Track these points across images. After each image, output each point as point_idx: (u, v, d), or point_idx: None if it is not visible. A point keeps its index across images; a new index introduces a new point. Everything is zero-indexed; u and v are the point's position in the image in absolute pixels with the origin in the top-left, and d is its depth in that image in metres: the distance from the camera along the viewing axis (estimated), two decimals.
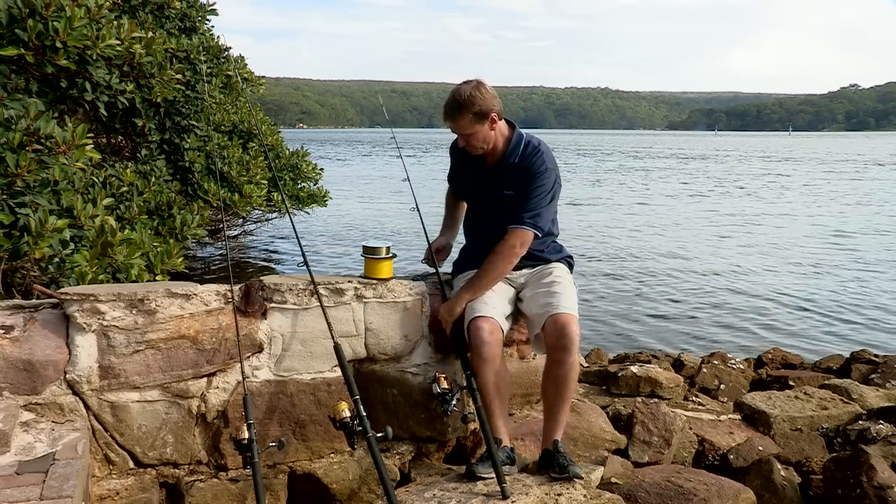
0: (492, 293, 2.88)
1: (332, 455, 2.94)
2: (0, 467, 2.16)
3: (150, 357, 2.61)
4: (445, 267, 3.22)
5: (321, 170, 9.56)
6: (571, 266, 3.12)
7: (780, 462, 3.37)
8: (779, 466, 3.29)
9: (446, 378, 2.85)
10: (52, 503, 1.97)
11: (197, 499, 2.70)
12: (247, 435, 2.47)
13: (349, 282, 2.91)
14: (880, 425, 3.63)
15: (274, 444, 2.59)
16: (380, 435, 2.46)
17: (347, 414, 2.49)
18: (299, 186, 9.13)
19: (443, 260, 3.20)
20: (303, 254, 2.89)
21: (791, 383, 4.57)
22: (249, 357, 2.77)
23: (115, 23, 4.04)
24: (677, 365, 5.07)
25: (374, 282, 2.95)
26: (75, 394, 2.54)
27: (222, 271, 9.10)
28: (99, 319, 2.53)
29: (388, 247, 2.99)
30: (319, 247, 12.35)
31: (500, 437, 2.77)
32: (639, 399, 3.84)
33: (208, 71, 7.06)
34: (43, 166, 3.38)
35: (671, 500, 2.86)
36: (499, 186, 2.93)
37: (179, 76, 4.98)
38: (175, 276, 4.36)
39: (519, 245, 2.87)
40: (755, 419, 3.81)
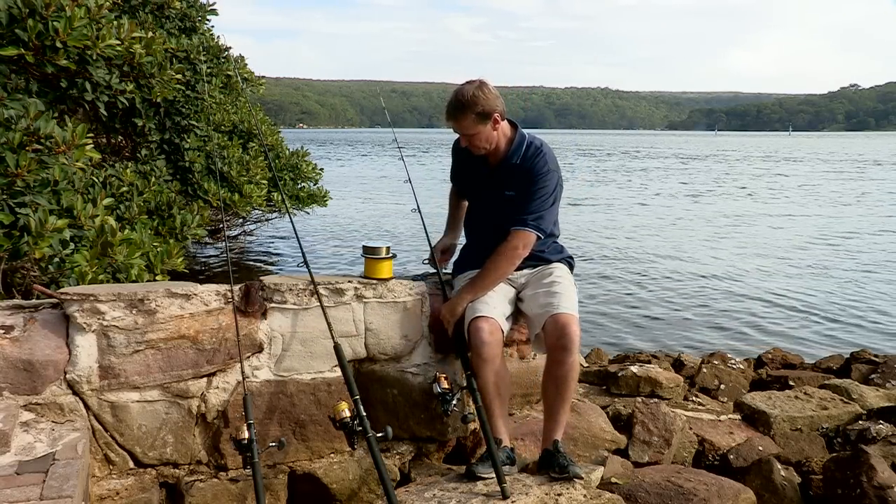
0: (492, 293, 2.88)
1: (332, 455, 2.94)
2: (0, 467, 2.16)
3: (150, 357, 2.61)
4: (446, 267, 3.22)
5: (321, 170, 9.57)
6: (572, 266, 3.12)
7: (780, 462, 3.37)
8: (779, 466, 3.29)
9: (446, 378, 2.85)
10: (52, 503, 1.97)
11: (197, 499, 2.70)
12: (247, 435, 2.47)
13: (349, 282, 2.91)
14: (880, 425, 3.63)
15: (274, 444, 2.59)
16: (380, 435, 2.46)
17: (347, 414, 2.49)
18: (299, 186, 9.13)
19: (447, 261, 3.21)
20: (303, 254, 2.89)
21: (791, 383, 4.57)
22: (249, 357, 2.77)
23: (115, 23, 4.03)
24: (677, 365, 5.06)
25: (374, 282, 2.95)
26: (75, 394, 2.54)
27: (222, 271, 9.11)
28: (99, 319, 2.53)
29: (387, 247, 2.99)
30: (319, 247, 12.35)
31: (501, 437, 2.77)
32: (639, 399, 3.84)
33: (208, 71, 7.06)
34: (43, 166, 3.38)
35: (671, 500, 2.86)
36: (500, 187, 2.93)
37: (179, 76, 4.97)
38: (175, 276, 4.36)
39: (522, 246, 2.87)
40: (755, 419, 3.81)
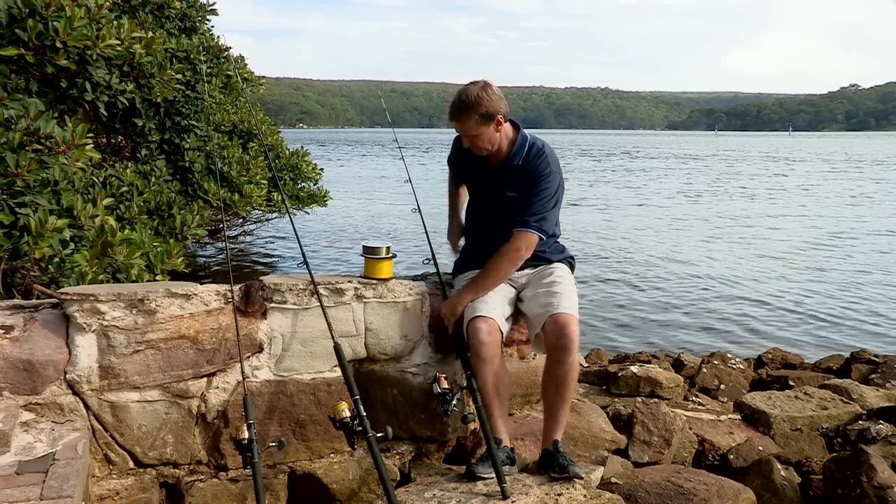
0: (492, 293, 2.88)
1: (332, 455, 2.94)
2: (0, 467, 2.16)
3: (150, 357, 2.61)
4: (446, 267, 3.22)
5: (321, 170, 9.57)
6: (573, 266, 3.12)
7: (780, 462, 3.37)
8: (779, 466, 3.29)
9: (446, 378, 2.85)
10: (52, 503, 1.97)
11: (197, 499, 2.70)
12: (247, 435, 2.47)
13: (349, 282, 2.91)
14: (880, 425, 3.63)
15: (274, 444, 2.59)
16: (380, 435, 2.46)
17: (347, 414, 2.49)
18: (299, 186, 9.13)
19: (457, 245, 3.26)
20: (303, 254, 2.89)
21: (791, 383, 4.57)
22: (249, 357, 2.77)
23: (115, 23, 4.03)
24: (677, 365, 5.07)
25: (374, 282, 2.95)
26: (75, 394, 2.54)
27: (222, 271, 9.11)
28: (99, 319, 2.53)
29: (387, 247, 2.99)
30: (319, 247, 12.35)
31: (500, 437, 2.77)
32: (639, 399, 3.84)
33: (208, 71, 7.06)
34: (43, 166, 3.38)
35: (671, 500, 2.86)
36: (501, 187, 2.93)
37: (179, 76, 4.97)
38: (175, 276, 4.36)
39: (524, 248, 2.87)
40: (755, 419, 3.81)
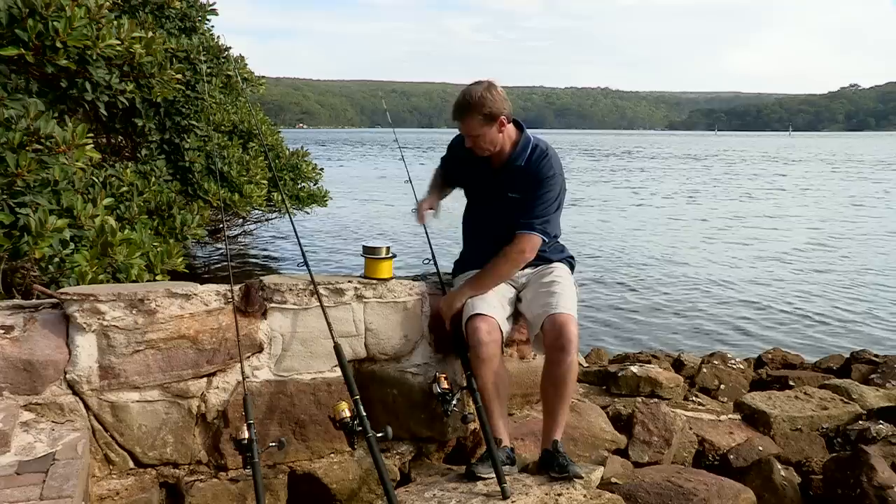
0: (492, 293, 2.88)
1: (332, 455, 2.94)
2: (0, 467, 2.16)
3: (150, 357, 2.60)
4: (446, 267, 3.22)
5: (321, 170, 9.57)
6: (573, 266, 3.12)
7: (780, 462, 3.37)
8: (779, 466, 3.28)
9: (446, 378, 2.85)
10: (52, 503, 1.97)
11: (197, 499, 2.70)
12: (247, 435, 2.47)
13: (349, 282, 2.91)
14: (880, 425, 3.62)
15: (274, 444, 2.59)
16: (380, 435, 2.46)
17: (347, 414, 2.49)
18: (299, 186, 9.14)
19: (427, 214, 3.09)
20: (303, 254, 2.88)
21: (791, 383, 4.57)
22: (249, 357, 2.77)
23: (115, 23, 4.03)
24: (677, 365, 5.06)
25: (374, 282, 2.95)
26: (75, 394, 2.54)
27: (222, 271, 9.11)
28: (99, 319, 2.53)
29: (388, 247, 2.98)
30: (319, 247, 12.35)
31: (501, 437, 2.77)
32: (639, 399, 3.84)
33: (208, 71, 7.05)
34: (43, 166, 3.38)
35: (671, 500, 2.86)
36: (503, 188, 2.93)
37: (179, 76, 4.97)
38: (175, 276, 4.36)
39: (528, 250, 2.88)
40: (755, 419, 3.81)
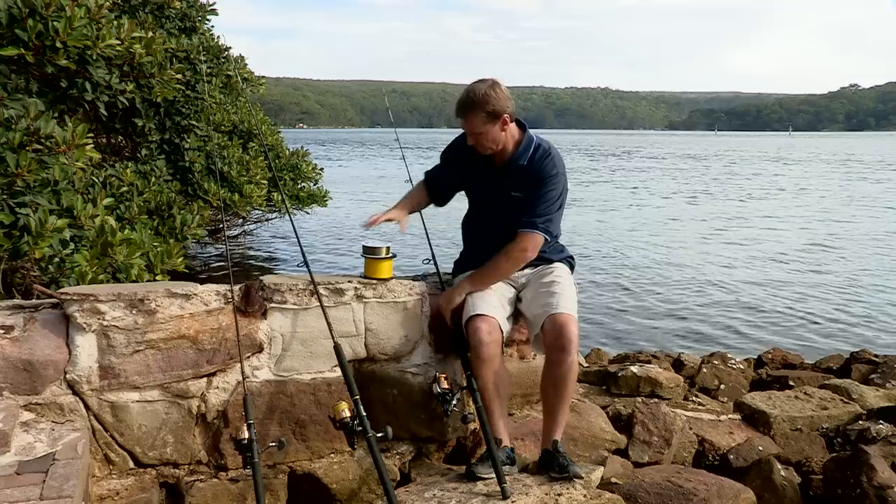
0: (492, 293, 2.89)
1: (332, 455, 2.94)
2: (0, 467, 2.16)
3: (150, 357, 2.60)
4: (446, 267, 3.21)
5: (321, 170, 9.57)
6: (572, 266, 3.12)
7: (780, 462, 3.37)
8: (779, 466, 3.28)
9: (446, 378, 2.85)
10: (52, 503, 1.97)
11: (197, 499, 2.70)
12: (247, 435, 2.47)
13: (349, 282, 2.91)
14: (880, 425, 3.62)
15: (274, 444, 2.59)
16: (380, 435, 2.46)
17: (347, 414, 2.49)
18: (299, 186, 9.14)
19: (377, 222, 2.96)
20: (303, 254, 2.88)
21: (791, 383, 4.57)
22: (249, 357, 2.77)
23: (115, 23, 4.03)
24: (677, 365, 5.06)
25: (374, 282, 2.95)
26: (75, 394, 2.54)
27: (222, 271, 9.11)
28: (99, 319, 2.53)
29: (388, 247, 2.98)
30: (319, 247, 12.34)
31: (501, 437, 2.77)
32: (639, 399, 3.84)
33: (208, 71, 7.06)
34: (43, 166, 3.38)
35: (671, 500, 2.86)
36: (506, 187, 2.93)
37: (179, 76, 4.97)
38: (175, 276, 4.36)
39: (530, 249, 2.88)
40: (755, 419, 3.81)
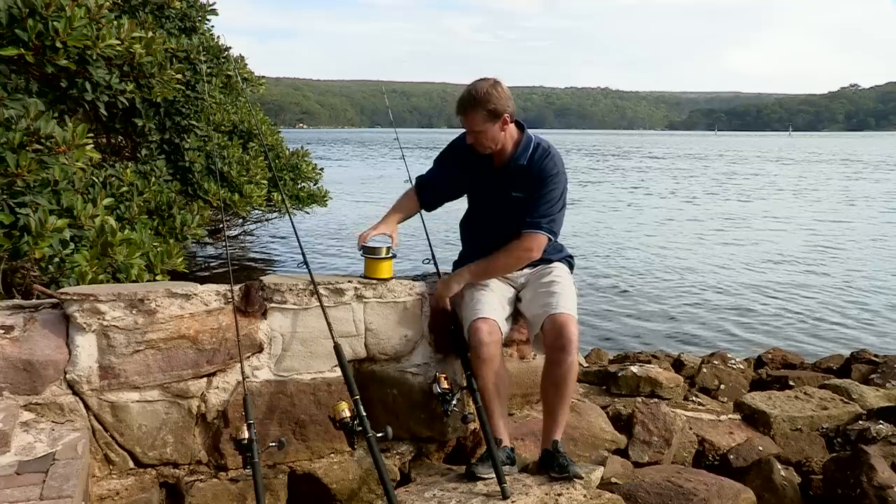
0: (492, 294, 2.89)
1: (332, 455, 2.94)
2: (0, 467, 2.16)
3: (150, 357, 2.60)
4: (446, 267, 3.21)
5: (321, 170, 9.57)
6: (572, 266, 3.12)
7: (780, 462, 3.37)
8: (779, 466, 3.29)
9: (446, 378, 2.85)
10: (52, 503, 1.97)
11: (197, 499, 2.70)
12: (247, 435, 2.47)
13: (349, 282, 2.91)
14: (880, 425, 3.63)
15: (274, 444, 2.59)
16: (380, 435, 2.46)
17: (347, 414, 2.49)
18: (299, 186, 9.14)
19: (366, 238, 2.95)
20: (303, 254, 2.88)
21: (791, 383, 4.57)
22: (249, 357, 2.77)
23: (115, 23, 4.03)
24: (677, 365, 5.06)
25: (374, 282, 2.95)
26: (75, 394, 2.54)
27: (222, 271, 9.11)
28: (99, 319, 2.53)
29: (388, 247, 2.98)
30: (319, 247, 12.35)
31: (501, 437, 2.77)
32: (639, 399, 3.84)
33: (208, 71, 7.06)
34: (43, 166, 3.38)
35: (671, 500, 2.86)
36: (506, 188, 2.93)
37: (179, 76, 4.97)
38: (175, 276, 4.36)
39: (535, 249, 2.88)
40: (755, 419, 3.81)
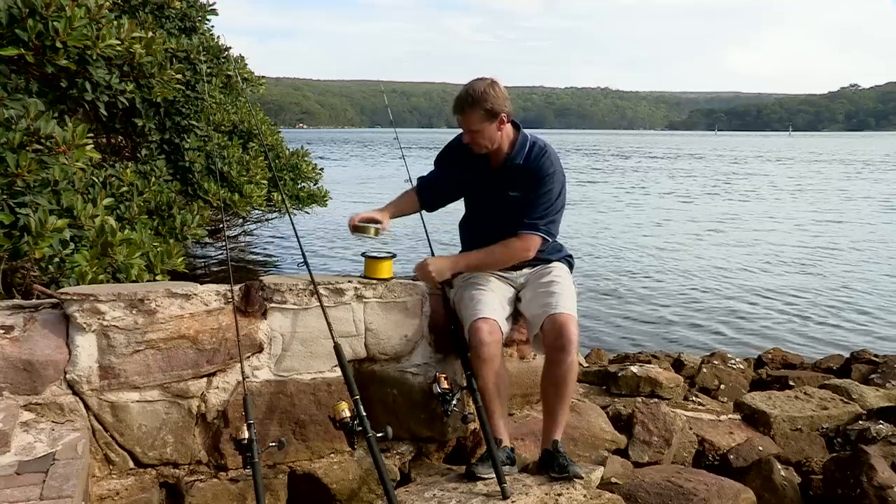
0: (492, 294, 2.89)
1: (332, 455, 2.94)
2: (0, 467, 2.16)
3: (150, 357, 2.60)
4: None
5: (321, 170, 9.57)
6: (571, 265, 3.12)
7: (780, 462, 3.37)
8: (779, 466, 3.29)
9: (446, 378, 2.85)
10: (52, 503, 1.97)
11: (197, 499, 2.70)
12: (247, 435, 2.47)
13: (349, 282, 2.91)
14: (880, 425, 3.63)
15: (274, 444, 2.59)
16: (380, 435, 2.46)
17: (347, 414, 2.49)
18: (299, 186, 9.13)
19: (357, 219, 2.97)
20: (303, 254, 2.89)
21: (791, 383, 4.57)
22: (249, 357, 2.77)
23: (115, 23, 4.03)
24: (677, 365, 5.06)
25: (374, 282, 2.95)
26: (75, 394, 2.54)
27: (222, 271, 9.11)
28: (99, 319, 2.53)
29: (376, 228, 2.97)
30: (319, 247, 12.34)
31: (501, 437, 2.77)
32: (639, 399, 3.84)
33: (208, 71, 7.06)
34: (43, 166, 3.38)
35: (671, 500, 2.86)
36: (503, 188, 2.93)
37: (179, 76, 4.97)
38: (175, 276, 4.36)
39: (531, 249, 2.91)
40: (755, 419, 3.81)
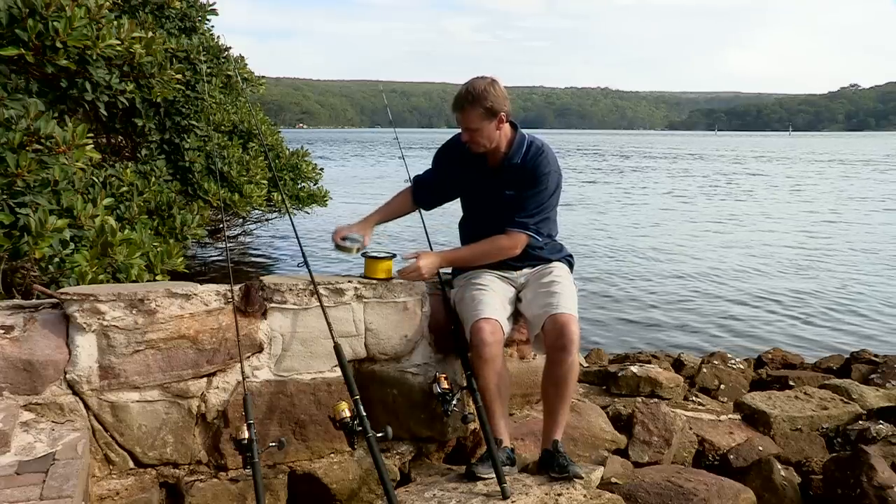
0: (493, 294, 2.89)
1: (332, 455, 2.94)
2: (0, 467, 2.16)
3: (150, 357, 2.61)
4: (445, 268, 3.20)
5: (321, 170, 9.57)
6: (572, 265, 3.12)
7: (780, 462, 3.37)
8: (779, 466, 3.29)
9: (446, 378, 2.85)
10: (52, 503, 1.97)
11: (197, 499, 2.70)
12: (247, 435, 2.47)
13: (349, 282, 2.91)
14: (880, 425, 3.63)
15: (274, 444, 2.59)
16: (380, 435, 2.46)
17: (347, 414, 2.49)
18: (299, 186, 9.13)
19: (340, 235, 2.97)
20: (303, 254, 2.89)
21: (791, 383, 4.57)
22: (249, 357, 2.77)
23: (115, 23, 4.03)
24: (677, 365, 5.07)
25: (374, 282, 2.95)
26: (75, 394, 2.54)
27: (222, 271, 9.10)
28: (99, 319, 2.53)
29: (357, 246, 2.97)
30: (319, 247, 12.33)
31: (501, 437, 2.77)
32: (639, 399, 3.84)
33: (208, 71, 7.06)
34: (43, 166, 3.38)
35: (671, 500, 2.86)
36: (500, 187, 2.94)
37: (179, 76, 4.97)
38: (175, 276, 4.36)
39: (518, 247, 2.92)
40: (755, 419, 3.81)
